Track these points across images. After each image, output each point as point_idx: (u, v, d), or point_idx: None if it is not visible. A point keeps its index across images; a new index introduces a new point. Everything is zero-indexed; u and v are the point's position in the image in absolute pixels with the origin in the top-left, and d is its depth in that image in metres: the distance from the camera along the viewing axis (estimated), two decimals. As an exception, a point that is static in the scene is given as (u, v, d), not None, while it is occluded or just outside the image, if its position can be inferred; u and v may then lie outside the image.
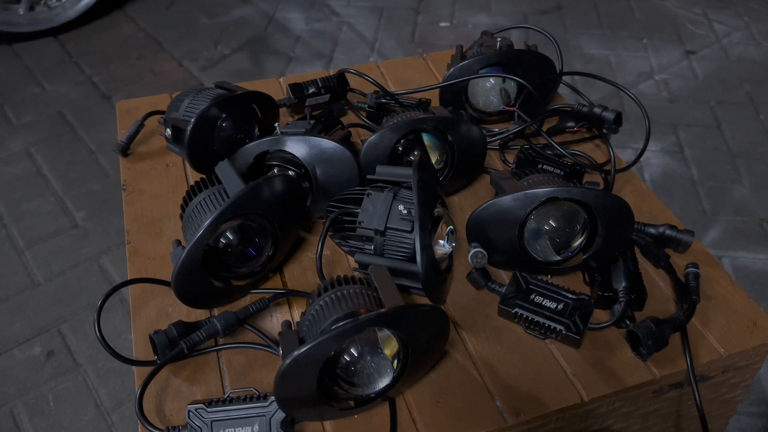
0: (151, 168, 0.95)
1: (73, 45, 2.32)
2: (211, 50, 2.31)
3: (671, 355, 0.69)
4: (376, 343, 0.61)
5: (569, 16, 2.49)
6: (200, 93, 0.87)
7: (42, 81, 2.15)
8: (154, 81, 2.16)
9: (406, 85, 1.09)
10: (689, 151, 1.87)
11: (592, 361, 0.69)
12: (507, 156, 0.95)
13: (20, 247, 1.58)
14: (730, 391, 0.78)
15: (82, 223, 1.65)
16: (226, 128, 0.85)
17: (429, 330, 0.62)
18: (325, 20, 2.47)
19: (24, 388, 1.30)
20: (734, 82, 2.14)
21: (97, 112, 2.02)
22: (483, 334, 0.72)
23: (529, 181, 0.77)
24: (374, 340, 0.61)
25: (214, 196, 0.73)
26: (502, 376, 0.68)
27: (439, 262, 0.73)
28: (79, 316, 1.43)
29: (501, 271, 0.79)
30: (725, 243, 1.59)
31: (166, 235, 0.83)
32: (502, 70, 0.97)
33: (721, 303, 0.76)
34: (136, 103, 1.06)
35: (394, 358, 0.62)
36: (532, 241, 0.75)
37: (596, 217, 0.72)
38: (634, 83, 2.14)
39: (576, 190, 0.71)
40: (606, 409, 0.69)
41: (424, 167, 0.72)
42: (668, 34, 2.38)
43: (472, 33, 2.38)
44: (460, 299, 0.75)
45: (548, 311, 0.70)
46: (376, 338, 0.61)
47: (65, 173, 1.79)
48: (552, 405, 0.65)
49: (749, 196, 1.72)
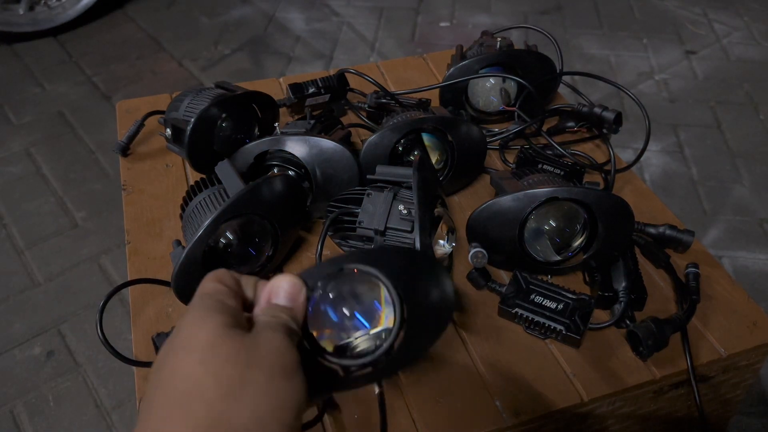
0: (151, 168, 0.94)
1: (73, 45, 2.32)
2: (211, 50, 2.31)
3: (671, 355, 0.69)
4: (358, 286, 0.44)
5: (569, 16, 2.49)
6: (200, 93, 0.87)
7: (42, 81, 2.15)
8: (154, 81, 2.16)
9: (406, 85, 1.09)
10: (689, 151, 1.87)
11: (592, 361, 0.69)
12: (507, 156, 0.95)
13: (20, 247, 1.58)
14: (730, 391, 0.77)
15: (82, 223, 1.65)
16: (226, 128, 0.85)
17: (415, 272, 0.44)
18: (325, 20, 2.47)
19: (24, 388, 1.30)
20: (734, 82, 2.14)
21: (97, 112, 2.02)
22: (483, 334, 0.72)
23: (529, 181, 0.77)
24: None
25: (214, 196, 0.73)
26: (502, 376, 0.68)
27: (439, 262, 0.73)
28: (79, 316, 1.43)
29: (501, 271, 0.79)
30: (725, 243, 1.59)
31: (166, 235, 0.83)
32: (502, 70, 0.96)
33: (722, 303, 0.76)
34: (136, 103, 1.06)
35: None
36: (532, 241, 0.75)
37: (596, 217, 0.72)
38: (634, 83, 2.14)
39: (576, 190, 0.71)
40: (606, 410, 0.69)
41: (424, 167, 0.72)
42: (668, 34, 2.38)
43: (472, 33, 2.38)
44: (460, 299, 0.75)
45: (548, 311, 0.70)
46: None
47: (65, 173, 1.79)
48: (552, 405, 0.65)
49: (749, 196, 1.72)
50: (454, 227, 0.75)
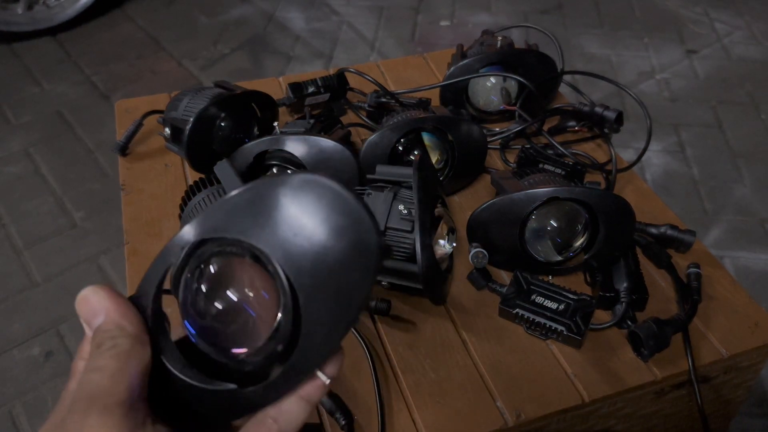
0: (150, 168, 0.94)
1: (72, 44, 2.32)
2: (211, 49, 2.30)
3: (673, 355, 0.69)
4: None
5: (570, 15, 2.49)
6: (199, 92, 0.87)
7: (41, 80, 2.14)
8: (153, 80, 2.15)
9: (406, 84, 1.09)
10: (690, 151, 1.86)
11: (594, 361, 0.69)
12: (508, 156, 0.95)
13: (19, 247, 1.58)
14: (731, 391, 0.77)
15: (80, 223, 1.64)
16: (225, 128, 0.85)
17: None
18: (325, 19, 2.47)
19: (23, 388, 1.29)
20: (735, 82, 2.13)
21: (96, 111, 2.01)
22: (484, 334, 0.71)
23: (529, 181, 0.77)
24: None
25: (213, 196, 0.73)
26: (502, 376, 0.67)
27: (440, 262, 0.73)
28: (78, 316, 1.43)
29: (501, 272, 0.79)
30: (726, 243, 1.59)
31: (165, 236, 0.83)
32: (502, 69, 0.96)
33: (723, 303, 0.75)
34: (135, 103, 1.06)
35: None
36: (533, 241, 0.74)
37: (597, 217, 0.72)
38: (635, 83, 2.13)
39: (577, 190, 0.71)
40: (607, 410, 0.69)
41: (425, 167, 0.72)
42: (669, 34, 2.38)
43: (472, 32, 2.37)
44: (460, 299, 0.75)
45: (549, 312, 0.69)
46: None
47: (64, 173, 1.79)
48: (553, 406, 0.65)
49: (750, 196, 1.72)
50: (454, 227, 0.74)
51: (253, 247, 0.30)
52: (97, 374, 0.30)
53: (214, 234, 0.31)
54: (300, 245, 0.29)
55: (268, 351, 0.30)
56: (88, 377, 0.30)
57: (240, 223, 0.30)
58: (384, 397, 0.65)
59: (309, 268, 0.29)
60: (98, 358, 0.31)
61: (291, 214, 0.29)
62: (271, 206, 0.29)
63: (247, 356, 0.31)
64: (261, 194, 0.30)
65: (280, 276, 0.29)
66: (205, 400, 0.31)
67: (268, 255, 0.29)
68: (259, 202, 0.30)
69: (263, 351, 0.30)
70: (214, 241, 0.31)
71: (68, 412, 0.29)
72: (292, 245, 0.29)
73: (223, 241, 0.30)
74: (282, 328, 0.30)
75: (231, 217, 0.30)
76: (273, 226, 0.29)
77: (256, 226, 0.29)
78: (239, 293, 0.31)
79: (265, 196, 0.30)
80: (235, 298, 0.31)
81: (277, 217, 0.29)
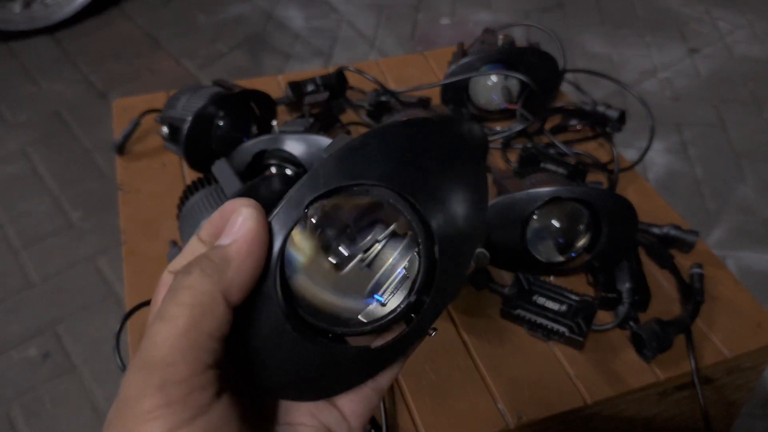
0: (148, 167, 0.93)
1: (69, 43, 2.31)
2: (209, 48, 2.29)
3: (675, 356, 0.68)
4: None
5: (571, 13, 2.48)
6: (197, 91, 0.86)
7: (38, 79, 2.14)
8: (151, 79, 2.14)
9: (406, 83, 1.08)
10: (693, 150, 1.86)
11: (596, 363, 0.68)
12: (509, 155, 0.94)
13: (16, 247, 1.57)
14: (734, 393, 0.77)
15: (78, 223, 1.63)
16: (223, 127, 0.84)
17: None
18: (325, 17, 2.46)
19: (20, 389, 1.29)
20: (738, 81, 2.13)
21: (94, 110, 2.00)
22: (485, 335, 0.71)
23: (531, 181, 0.76)
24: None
25: (211, 196, 0.72)
26: (504, 378, 0.67)
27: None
28: (76, 317, 1.42)
29: (503, 272, 0.78)
30: (729, 243, 1.58)
31: (163, 235, 0.82)
32: (504, 67, 0.95)
33: (726, 304, 0.74)
34: (133, 102, 1.05)
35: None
36: (535, 242, 0.73)
37: (600, 217, 0.71)
38: (637, 81, 2.12)
39: (579, 190, 0.70)
40: (610, 412, 0.68)
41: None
42: (671, 32, 2.37)
43: (473, 30, 2.37)
44: (461, 300, 0.74)
45: (551, 313, 0.69)
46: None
47: (61, 172, 1.78)
48: (555, 408, 0.64)
49: (753, 196, 1.71)
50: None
51: (399, 194, 0.29)
52: (168, 325, 0.25)
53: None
54: (437, 197, 0.29)
55: (410, 303, 0.28)
56: (156, 328, 0.26)
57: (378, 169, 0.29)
58: (384, 399, 0.65)
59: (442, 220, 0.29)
60: (174, 303, 0.26)
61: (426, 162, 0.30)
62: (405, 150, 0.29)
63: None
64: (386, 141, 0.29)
65: (431, 226, 0.28)
66: (330, 361, 0.28)
67: (414, 203, 0.29)
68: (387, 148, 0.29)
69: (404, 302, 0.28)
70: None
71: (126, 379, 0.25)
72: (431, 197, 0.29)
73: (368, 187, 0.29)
74: (420, 278, 0.28)
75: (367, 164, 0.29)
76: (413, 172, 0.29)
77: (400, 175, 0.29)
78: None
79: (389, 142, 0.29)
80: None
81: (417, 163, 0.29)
